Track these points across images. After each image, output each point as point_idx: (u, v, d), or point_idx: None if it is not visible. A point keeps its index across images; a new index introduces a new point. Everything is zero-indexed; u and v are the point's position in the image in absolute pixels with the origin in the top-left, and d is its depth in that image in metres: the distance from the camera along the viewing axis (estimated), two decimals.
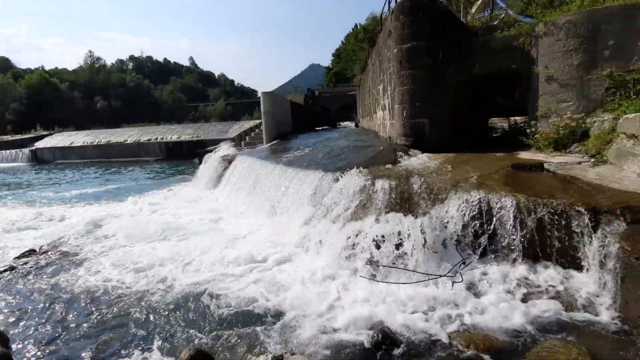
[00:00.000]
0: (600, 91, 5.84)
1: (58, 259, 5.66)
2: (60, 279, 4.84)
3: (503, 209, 3.84)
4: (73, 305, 4.09)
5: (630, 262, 2.76)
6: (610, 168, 4.58)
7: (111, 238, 6.50)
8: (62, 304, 4.13)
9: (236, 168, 9.70)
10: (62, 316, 3.86)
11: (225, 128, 26.65)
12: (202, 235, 6.18)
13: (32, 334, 3.54)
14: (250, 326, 3.30)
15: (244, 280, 4.29)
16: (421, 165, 6.04)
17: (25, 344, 3.36)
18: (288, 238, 5.37)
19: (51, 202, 10.81)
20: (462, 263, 3.70)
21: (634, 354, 2.53)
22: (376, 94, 12.24)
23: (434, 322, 3.03)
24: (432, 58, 7.36)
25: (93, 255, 5.65)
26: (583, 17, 5.91)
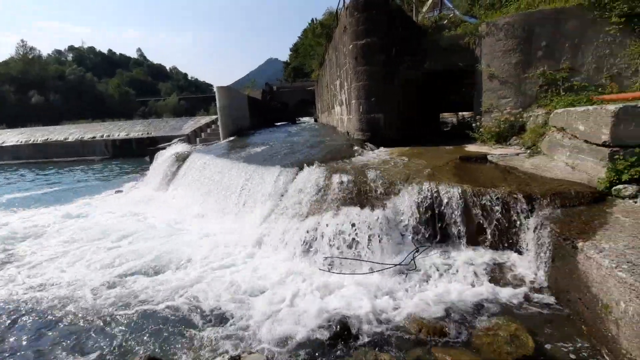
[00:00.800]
0: (534, 88, 6.38)
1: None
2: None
3: (451, 198, 4.07)
4: (7, 314, 3.68)
5: (559, 242, 3.06)
6: (544, 158, 5.04)
7: (48, 245, 5.90)
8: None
9: (191, 166, 9.30)
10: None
11: (178, 124, 25.41)
12: (155, 238, 5.85)
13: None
14: (206, 327, 3.19)
15: (199, 279, 4.13)
16: (377, 159, 6.21)
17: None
18: (247, 235, 5.26)
19: None
20: (415, 251, 3.87)
21: (562, 323, 2.82)
22: (334, 89, 12.35)
23: (389, 310, 3.14)
24: (386, 55, 7.57)
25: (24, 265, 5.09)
26: (520, 19, 6.40)
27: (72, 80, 63.74)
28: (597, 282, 2.53)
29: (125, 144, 23.90)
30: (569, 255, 2.89)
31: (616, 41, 5.75)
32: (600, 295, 2.49)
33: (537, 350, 2.51)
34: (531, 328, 2.76)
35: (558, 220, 3.31)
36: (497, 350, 2.54)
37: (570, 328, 2.75)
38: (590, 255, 2.63)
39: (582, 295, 2.73)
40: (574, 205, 3.50)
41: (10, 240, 6.31)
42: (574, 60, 6.08)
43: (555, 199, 3.59)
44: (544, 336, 2.68)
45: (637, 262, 2.35)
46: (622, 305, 2.26)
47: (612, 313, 2.36)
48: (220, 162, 8.00)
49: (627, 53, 5.69)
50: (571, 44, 6.06)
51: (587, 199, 3.53)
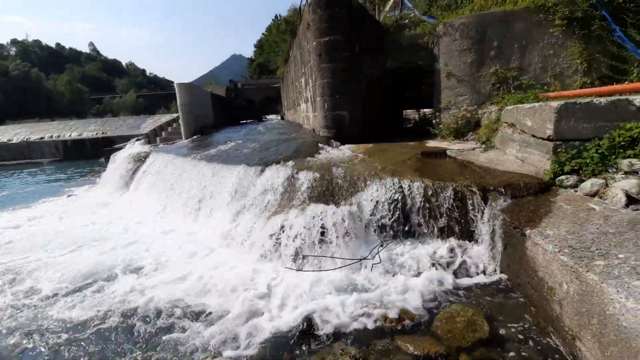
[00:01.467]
0: (488, 86, 6.74)
1: None
2: None
3: (413, 192, 4.21)
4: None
5: (510, 231, 3.27)
6: (497, 152, 5.35)
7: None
8: None
9: (151, 166, 8.88)
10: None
11: (137, 123, 24.18)
12: (114, 243, 5.53)
13: None
14: (171, 332, 3.08)
15: (163, 284, 3.97)
16: (342, 156, 6.28)
17: None
18: (211, 236, 5.12)
19: None
20: (379, 245, 3.97)
21: (513, 306, 3.03)
22: (299, 86, 12.30)
23: (355, 304, 3.19)
24: (349, 52, 7.65)
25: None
26: (473, 21, 6.72)
27: (15, 76, 58.41)
28: (542, 266, 2.74)
29: (78, 145, 22.36)
30: (519, 242, 3.10)
31: (559, 42, 6.21)
32: (546, 278, 2.69)
33: (491, 333, 2.68)
34: (487, 312, 2.93)
35: (509, 210, 3.53)
36: (456, 335, 2.67)
37: (520, 310, 2.95)
38: (536, 241, 2.83)
39: (530, 279, 2.93)
40: (523, 196, 3.75)
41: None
42: (522, 60, 6.50)
43: (507, 191, 3.82)
44: (498, 319, 2.86)
45: (577, 247, 2.56)
46: (565, 287, 2.46)
47: (556, 294, 2.56)
48: (182, 162, 7.72)
49: (569, 54, 6.18)
50: (520, 44, 6.46)
51: (534, 190, 3.79)
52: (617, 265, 2.24)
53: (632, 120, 3.70)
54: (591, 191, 3.48)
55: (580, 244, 2.58)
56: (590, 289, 2.20)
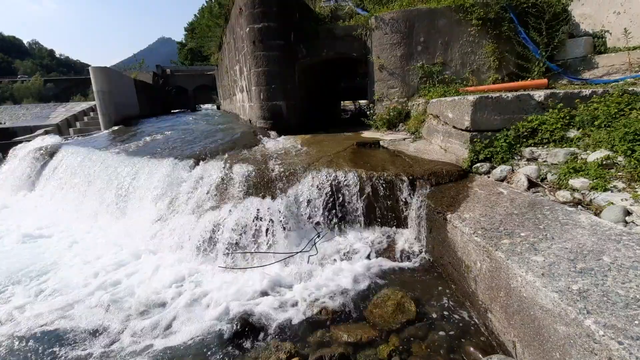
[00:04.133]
0: (416, 80, 7.14)
1: None
2: None
3: (348, 182, 4.30)
4: None
5: (434, 216, 3.52)
6: (424, 142, 5.71)
7: None
8: None
9: (62, 162, 7.81)
10: None
11: (45, 112, 21.02)
12: (16, 256, 4.76)
13: None
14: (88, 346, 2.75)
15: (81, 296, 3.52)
16: (279, 148, 6.18)
17: None
18: (137, 238, 4.68)
19: None
20: (316, 236, 4.00)
21: (438, 286, 3.28)
22: (234, 74, 11.76)
23: (289, 298, 3.18)
24: (284, 40, 7.49)
25: None
26: (402, 15, 7.02)
27: None
28: (460, 247, 2.99)
29: None
30: (441, 226, 3.35)
31: (475, 41, 6.79)
32: (464, 257, 2.95)
33: (418, 314, 2.87)
34: (414, 294, 3.13)
35: (433, 196, 3.79)
36: (387, 319, 2.81)
37: (443, 289, 3.21)
38: (455, 225, 3.08)
39: (451, 259, 3.20)
40: (445, 183, 4.06)
41: None
42: (445, 56, 6.98)
43: (431, 178, 4.10)
44: (424, 299, 3.08)
45: (488, 228, 2.84)
46: (478, 265, 2.72)
47: (472, 272, 2.82)
48: (99, 157, 6.91)
49: (484, 52, 6.79)
50: (443, 41, 6.93)
51: (455, 177, 4.13)
52: (519, 243, 2.53)
53: (533, 113, 4.20)
54: (500, 177, 3.89)
55: (490, 225, 2.86)
56: (498, 265, 2.45)
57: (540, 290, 2.03)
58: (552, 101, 4.15)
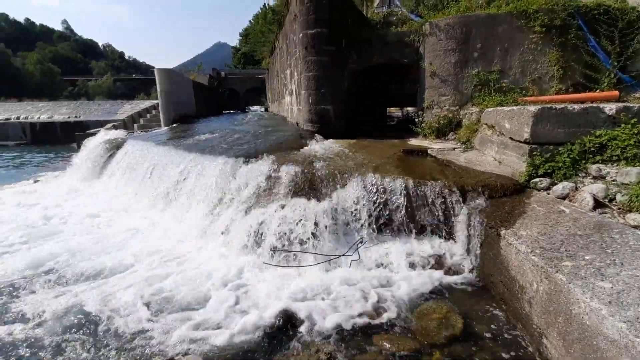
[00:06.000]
0: (470, 87, 6.87)
1: None
2: None
3: (395, 190, 4.25)
4: None
5: (486, 230, 3.36)
6: (476, 153, 5.48)
7: None
8: None
9: (126, 154, 8.56)
10: None
11: (114, 108, 23.25)
12: (80, 237, 5.30)
13: None
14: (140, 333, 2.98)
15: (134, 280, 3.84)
16: (325, 151, 6.26)
17: None
18: (188, 230, 5.00)
19: None
20: (359, 242, 3.99)
21: (487, 304, 3.12)
22: (284, 78, 12.14)
23: (332, 301, 3.20)
24: (335, 46, 7.60)
25: None
26: (459, 21, 6.80)
27: None
28: (515, 265, 2.83)
29: (47, 128, 21.28)
30: (494, 242, 3.19)
31: (538, 49, 6.39)
32: (518, 277, 2.79)
33: (465, 331, 2.75)
34: (461, 310, 3.01)
35: (485, 210, 3.62)
36: (431, 332, 2.73)
37: (493, 308, 3.05)
38: (510, 241, 2.92)
39: (503, 278, 3.03)
40: (499, 197, 3.86)
41: None
42: (503, 63, 6.65)
43: (484, 191, 3.92)
44: (471, 316, 2.94)
45: (547, 247, 2.66)
46: (535, 286, 2.55)
47: (526, 293, 2.65)
48: (159, 151, 7.48)
49: (546, 60, 6.37)
50: (502, 48, 6.61)
51: (510, 191, 3.91)
52: (583, 266, 2.34)
53: (602, 128, 3.87)
54: (562, 194, 3.62)
55: (550, 245, 2.68)
56: (558, 288, 2.29)
57: (606, 319, 1.87)
58: (625, 115, 3.80)
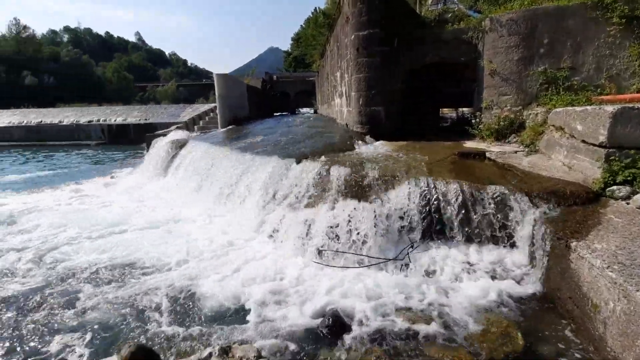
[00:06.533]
0: (535, 86, 6.36)
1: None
2: None
3: (449, 193, 4.08)
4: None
5: (553, 241, 3.09)
6: (541, 157, 5.05)
7: (34, 232, 5.79)
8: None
9: (188, 154, 9.25)
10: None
11: (177, 111, 25.20)
12: (148, 229, 5.83)
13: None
14: (197, 320, 3.20)
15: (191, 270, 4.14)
16: (375, 153, 6.21)
17: None
18: (243, 226, 5.26)
19: None
20: (410, 246, 3.89)
21: (552, 321, 2.87)
22: (334, 80, 12.25)
23: (382, 304, 3.16)
24: (388, 46, 7.51)
25: (4, 252, 5.02)
26: (523, 16, 6.34)
27: (67, 62, 62.73)
28: (587, 281, 2.57)
29: (122, 129, 23.72)
30: (562, 254, 2.92)
31: (616, 42, 5.72)
32: (590, 294, 2.53)
33: (526, 348, 2.56)
34: (522, 325, 2.80)
35: (553, 219, 3.33)
36: (488, 347, 2.58)
37: (559, 326, 2.79)
38: (582, 255, 2.66)
39: (572, 294, 2.77)
40: (569, 205, 3.52)
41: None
42: (574, 59, 6.05)
43: (551, 198, 3.61)
44: (534, 334, 2.73)
45: (627, 263, 2.38)
46: (611, 305, 2.30)
47: (601, 312, 2.40)
48: (217, 151, 7.97)
49: (627, 55, 5.67)
50: (573, 42, 6.02)
51: (581, 199, 3.56)
52: None
53: None
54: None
55: (630, 261, 2.40)
56: (639, 309, 2.04)
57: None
58: None
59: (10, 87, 48.69)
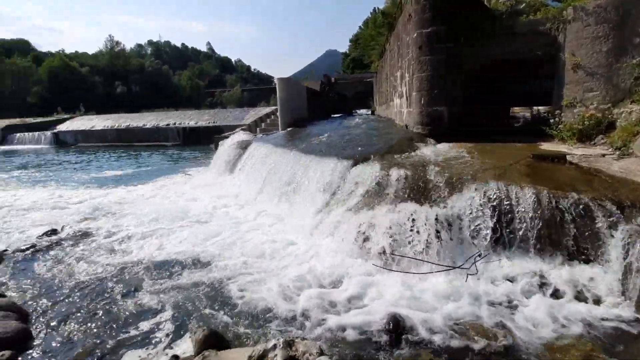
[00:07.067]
0: (629, 80, 5.56)
1: (77, 239, 5.92)
2: (78, 258, 5.04)
3: (522, 200, 3.76)
4: (89, 282, 4.27)
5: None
6: (636, 161, 4.40)
7: (126, 220, 6.74)
8: (79, 281, 4.30)
9: (252, 154, 9.79)
10: (78, 293, 4.01)
11: (241, 114, 26.81)
12: (217, 221, 6.31)
13: (50, 310, 3.66)
14: (264, 314, 3.36)
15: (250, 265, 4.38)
16: (438, 155, 5.96)
17: (43, 320, 3.48)
18: (301, 226, 5.42)
19: (71, 185, 11.27)
20: (477, 255, 3.67)
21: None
22: (394, 81, 12.01)
23: (443, 313, 3.03)
24: (453, 43, 7.16)
25: (108, 237, 5.90)
26: (612, 2, 5.59)
27: (150, 72, 70.36)
28: None
29: (194, 132, 25.96)
30: None
31: None
32: None
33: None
34: (609, 350, 2.48)
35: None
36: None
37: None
38: None
39: None
40: None
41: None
42: None
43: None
44: (621, 358, 2.39)
45: None
46: None
47: None
48: (278, 152, 8.31)
49: None
50: None
51: None
52: None
53: None
54: None
55: None
56: None
57: None
58: None
59: (106, 96, 56.20)
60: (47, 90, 49.45)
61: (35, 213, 7.65)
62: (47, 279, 4.46)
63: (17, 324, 3.24)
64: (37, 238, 5.96)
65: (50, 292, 4.10)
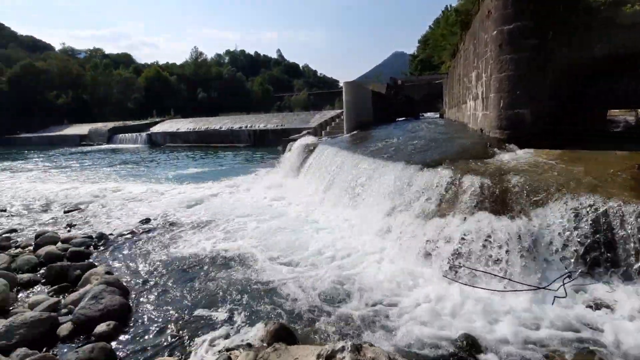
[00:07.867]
0: None
1: (168, 227, 6.78)
2: (169, 244, 5.81)
3: (625, 217, 3.26)
4: (179, 266, 4.89)
5: None
6: None
7: (207, 214, 7.48)
8: (170, 264, 4.96)
9: (317, 157, 10.02)
10: (169, 274, 4.63)
11: (307, 118, 27.65)
12: (284, 220, 6.61)
13: (147, 287, 4.30)
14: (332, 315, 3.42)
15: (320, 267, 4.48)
16: (519, 162, 5.45)
17: (141, 296, 4.10)
18: (368, 230, 5.39)
19: (162, 180, 12.94)
20: (566, 276, 3.27)
21: None
22: (467, 82, 11.29)
23: (523, 337, 2.76)
24: (539, 40, 6.49)
25: (193, 227, 6.61)
26: None
27: (227, 79, 76.45)
28: None
29: (263, 134, 27.53)
30: None
31: None
32: None
33: None
34: None
35: None
36: None
37: None
38: None
39: None
40: None
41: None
42: None
43: None
44: None
45: None
46: None
47: None
48: (344, 155, 8.39)
49: None
50: None
51: None
52: None
53: None
54: None
55: None
56: None
57: None
58: None
59: (190, 101, 62.68)
60: (143, 96, 57.26)
61: (134, 203, 8.88)
62: (144, 260, 5.17)
63: (120, 298, 3.79)
64: (135, 225, 6.92)
65: (145, 272, 4.77)
